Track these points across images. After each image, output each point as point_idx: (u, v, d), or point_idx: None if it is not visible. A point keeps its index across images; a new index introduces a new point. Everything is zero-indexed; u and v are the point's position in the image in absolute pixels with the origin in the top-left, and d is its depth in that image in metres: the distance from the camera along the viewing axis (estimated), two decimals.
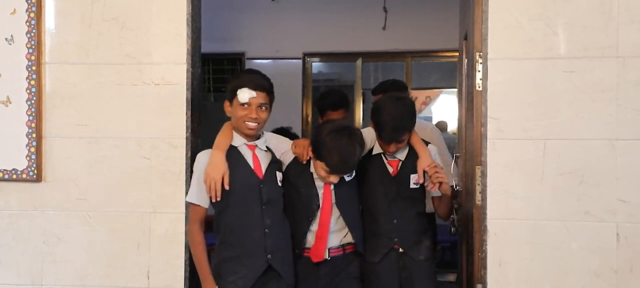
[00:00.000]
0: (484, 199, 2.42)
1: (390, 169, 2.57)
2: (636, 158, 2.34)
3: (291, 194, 2.52)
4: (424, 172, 2.49)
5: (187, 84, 2.54)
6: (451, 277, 4.94)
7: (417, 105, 7.33)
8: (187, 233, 2.49)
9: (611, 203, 2.34)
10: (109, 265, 2.59)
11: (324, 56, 5.96)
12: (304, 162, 2.50)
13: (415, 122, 2.53)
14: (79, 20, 2.58)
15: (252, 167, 2.43)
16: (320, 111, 3.61)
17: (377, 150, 2.58)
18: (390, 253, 2.54)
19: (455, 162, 3.28)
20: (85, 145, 2.58)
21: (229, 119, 2.48)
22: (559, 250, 2.38)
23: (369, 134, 2.58)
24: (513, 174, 2.38)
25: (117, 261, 2.59)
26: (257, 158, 2.45)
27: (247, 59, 5.66)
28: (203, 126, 2.75)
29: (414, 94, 6.08)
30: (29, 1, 2.55)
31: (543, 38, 2.38)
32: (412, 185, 2.55)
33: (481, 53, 2.43)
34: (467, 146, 2.92)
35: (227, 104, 2.45)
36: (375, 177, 2.58)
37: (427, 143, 2.60)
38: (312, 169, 2.50)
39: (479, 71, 2.46)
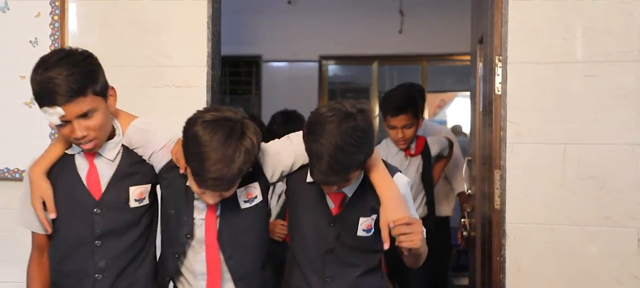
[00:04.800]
0: (503, 203, 2.41)
1: (331, 205, 1.77)
2: None
3: (162, 214, 1.83)
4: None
5: (207, 86, 2.56)
6: (465, 281, 4.93)
7: (431, 109, 7.32)
8: None
9: (632, 209, 2.33)
10: None
11: (340, 59, 5.98)
12: (183, 170, 1.73)
13: (369, 151, 1.68)
14: (101, 23, 2.62)
15: (85, 183, 1.72)
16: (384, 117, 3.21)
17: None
18: None
19: (467, 165, 3.28)
20: None
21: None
22: (579, 255, 2.37)
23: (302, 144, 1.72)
24: (532, 178, 2.38)
25: None
26: (95, 170, 1.73)
27: (264, 61, 5.69)
28: None
29: (429, 97, 6.07)
30: (53, 4, 2.59)
31: (563, 42, 2.37)
32: (360, 232, 1.76)
33: (500, 57, 2.43)
34: (482, 149, 2.91)
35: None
36: (308, 214, 1.79)
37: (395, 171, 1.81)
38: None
39: (498, 75, 2.46)
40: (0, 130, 2.64)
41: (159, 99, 2.58)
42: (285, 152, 1.79)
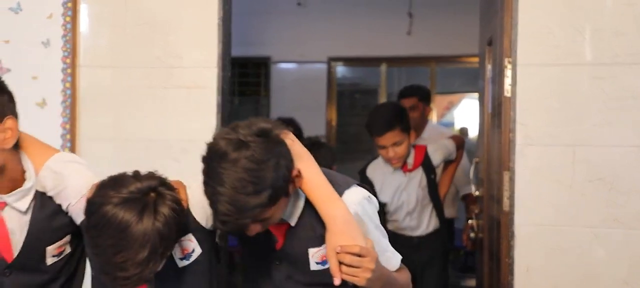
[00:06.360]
0: (511, 205, 2.41)
1: (276, 241, 1.52)
2: None
3: (92, 275, 1.57)
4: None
5: (217, 88, 2.57)
6: (472, 282, 4.93)
7: (439, 110, 7.33)
8: None
9: None
10: None
11: (349, 61, 5.99)
12: None
13: (279, 182, 1.36)
14: (111, 24, 2.64)
15: None
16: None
17: None
18: None
19: (475, 167, 3.27)
20: (118, 146, 2.63)
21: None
22: (588, 257, 2.36)
23: None
24: (542, 180, 2.38)
25: None
26: (4, 225, 1.44)
27: (273, 62, 5.71)
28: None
29: (437, 98, 6.08)
30: (65, 5, 2.61)
31: (572, 44, 2.37)
32: (314, 266, 1.50)
33: (510, 59, 2.43)
34: (491, 151, 2.91)
35: None
36: (254, 252, 1.56)
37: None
38: None
39: (508, 77, 2.46)
40: None
41: (168, 100, 2.60)
42: None
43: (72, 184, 1.46)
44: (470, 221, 3.31)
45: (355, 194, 1.49)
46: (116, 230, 1.29)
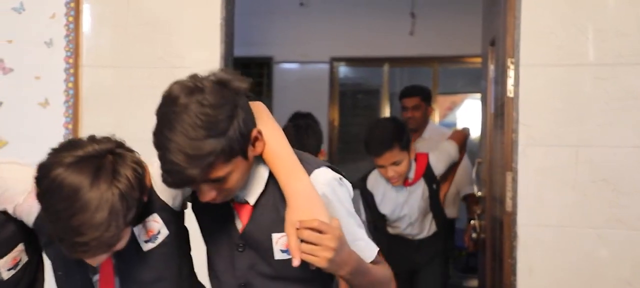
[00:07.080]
0: (514, 206, 2.41)
1: (239, 224, 1.37)
2: None
3: (54, 274, 1.47)
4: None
5: None
6: (474, 282, 4.93)
7: (442, 111, 7.33)
8: None
9: None
10: None
11: (351, 61, 5.99)
12: None
13: (236, 134, 1.25)
14: (114, 24, 2.64)
15: None
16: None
17: None
18: None
19: (478, 168, 3.26)
20: None
21: None
22: (591, 258, 2.36)
23: None
24: (544, 181, 2.38)
25: None
26: None
27: (275, 63, 5.71)
28: None
29: (440, 99, 6.08)
30: (68, 5, 2.61)
31: (575, 44, 2.37)
32: (279, 255, 1.35)
33: (513, 59, 2.43)
34: (493, 152, 2.91)
35: None
36: (215, 234, 1.41)
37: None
38: None
39: (510, 77, 2.46)
40: (14, 130, 2.66)
41: None
42: None
43: (13, 184, 1.36)
44: (472, 221, 3.31)
45: (325, 174, 1.34)
46: (68, 192, 1.20)
